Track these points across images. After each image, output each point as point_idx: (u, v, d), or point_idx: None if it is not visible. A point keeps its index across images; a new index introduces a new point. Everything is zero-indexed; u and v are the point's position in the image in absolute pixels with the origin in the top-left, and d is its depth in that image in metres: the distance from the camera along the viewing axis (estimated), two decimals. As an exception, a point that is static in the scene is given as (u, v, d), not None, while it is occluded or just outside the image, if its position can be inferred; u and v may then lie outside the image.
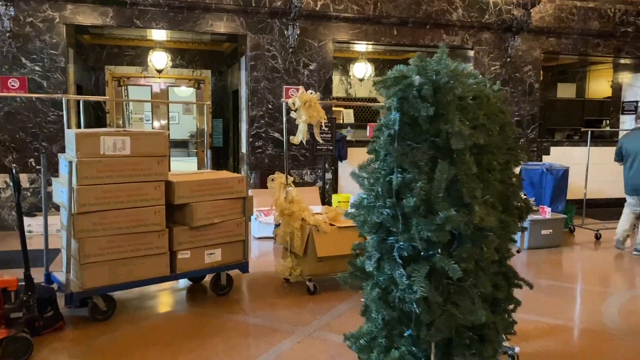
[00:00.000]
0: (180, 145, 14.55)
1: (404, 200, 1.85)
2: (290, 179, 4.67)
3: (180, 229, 4.15)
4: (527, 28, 8.38)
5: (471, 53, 8.60)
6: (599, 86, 12.72)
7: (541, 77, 9.11)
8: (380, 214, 1.91)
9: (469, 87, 1.97)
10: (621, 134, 10.20)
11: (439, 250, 1.90)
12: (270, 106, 7.70)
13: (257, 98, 7.65)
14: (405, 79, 1.83)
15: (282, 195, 4.55)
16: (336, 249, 4.50)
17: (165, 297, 4.60)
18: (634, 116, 9.86)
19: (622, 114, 10.11)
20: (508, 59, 8.61)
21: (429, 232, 1.83)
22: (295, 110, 4.56)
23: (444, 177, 1.82)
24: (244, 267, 4.55)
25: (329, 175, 8.02)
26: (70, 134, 3.90)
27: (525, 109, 8.93)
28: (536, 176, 7.27)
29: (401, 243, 1.90)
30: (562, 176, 7.23)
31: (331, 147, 7.70)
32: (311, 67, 7.81)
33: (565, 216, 6.96)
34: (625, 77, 10.20)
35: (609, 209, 9.13)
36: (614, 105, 10.46)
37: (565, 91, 11.97)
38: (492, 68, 8.62)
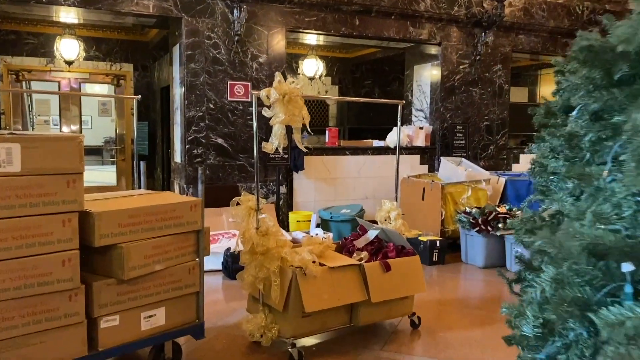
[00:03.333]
0: (93, 152, 12.67)
1: None
2: (263, 201, 3.36)
3: (104, 284, 2.72)
4: (499, 22, 7.55)
5: (437, 49, 7.64)
6: (551, 90, 12.30)
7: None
8: None
9: None
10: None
11: None
12: (211, 105, 6.30)
13: (195, 96, 6.23)
14: None
15: (252, 226, 3.23)
16: (329, 299, 3.25)
17: (80, 378, 3.13)
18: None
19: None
20: (477, 57, 7.72)
21: None
22: (268, 107, 3.26)
23: None
24: (197, 331, 3.16)
25: (282, 189, 6.73)
26: None
27: (495, 113, 8.10)
28: (523, 188, 6.39)
29: None
30: (550, 188, 6.39)
31: (286, 156, 6.44)
32: (261, 60, 6.50)
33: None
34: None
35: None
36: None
37: (518, 95, 11.39)
38: (461, 67, 7.70)
